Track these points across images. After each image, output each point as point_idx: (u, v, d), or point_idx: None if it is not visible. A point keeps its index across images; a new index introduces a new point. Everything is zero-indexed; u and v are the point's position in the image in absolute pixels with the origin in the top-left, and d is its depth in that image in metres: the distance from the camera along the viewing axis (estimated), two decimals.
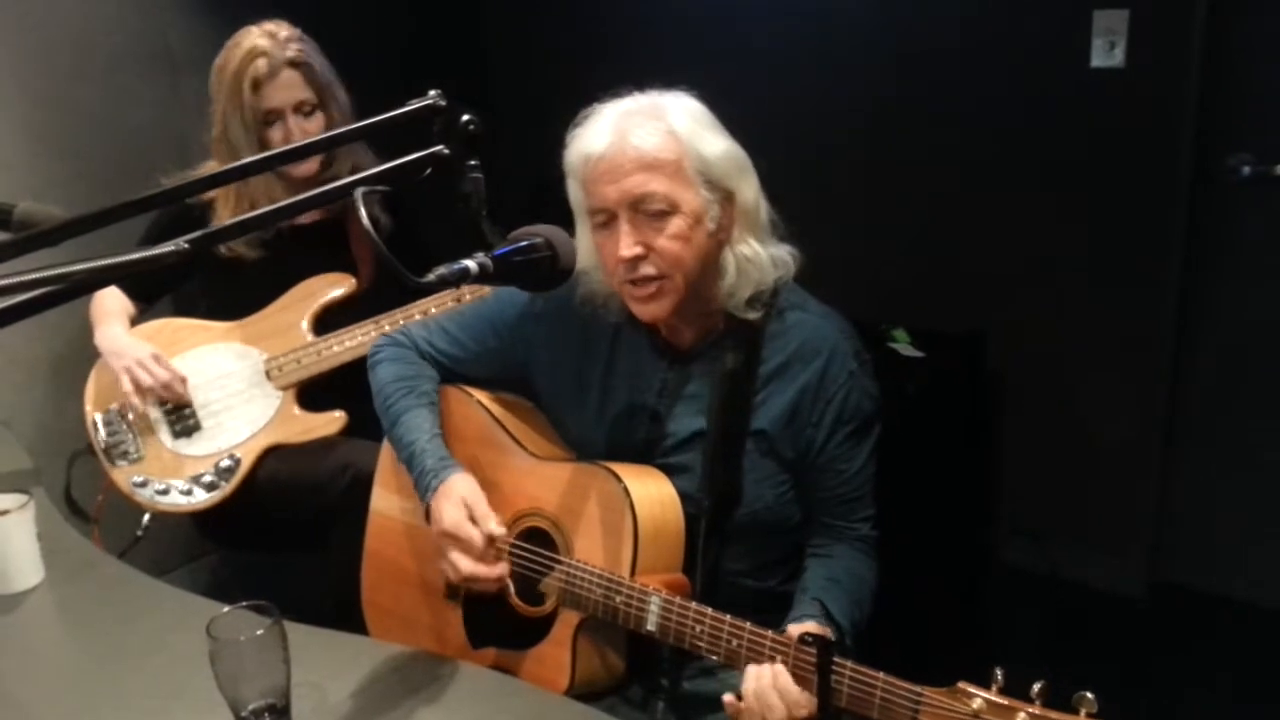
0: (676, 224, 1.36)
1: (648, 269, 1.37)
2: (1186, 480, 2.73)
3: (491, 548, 1.44)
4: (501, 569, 1.45)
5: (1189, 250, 2.57)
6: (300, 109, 2.02)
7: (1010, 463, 2.89)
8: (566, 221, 1.18)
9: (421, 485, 1.51)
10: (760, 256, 1.43)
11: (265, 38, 2.00)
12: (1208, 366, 2.65)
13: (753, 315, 1.45)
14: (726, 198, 1.40)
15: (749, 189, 1.42)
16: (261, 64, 1.98)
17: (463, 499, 1.46)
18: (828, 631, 1.33)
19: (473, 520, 1.43)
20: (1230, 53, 2.43)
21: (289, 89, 2.00)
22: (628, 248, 1.35)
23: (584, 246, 1.45)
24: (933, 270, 2.86)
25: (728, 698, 1.27)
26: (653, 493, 1.44)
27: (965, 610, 2.72)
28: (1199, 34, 2.41)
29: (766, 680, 1.23)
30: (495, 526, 1.44)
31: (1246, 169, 2.44)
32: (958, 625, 2.62)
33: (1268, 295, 2.53)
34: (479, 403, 1.63)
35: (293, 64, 2.00)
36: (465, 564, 1.43)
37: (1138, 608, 2.77)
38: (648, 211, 1.35)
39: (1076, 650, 2.59)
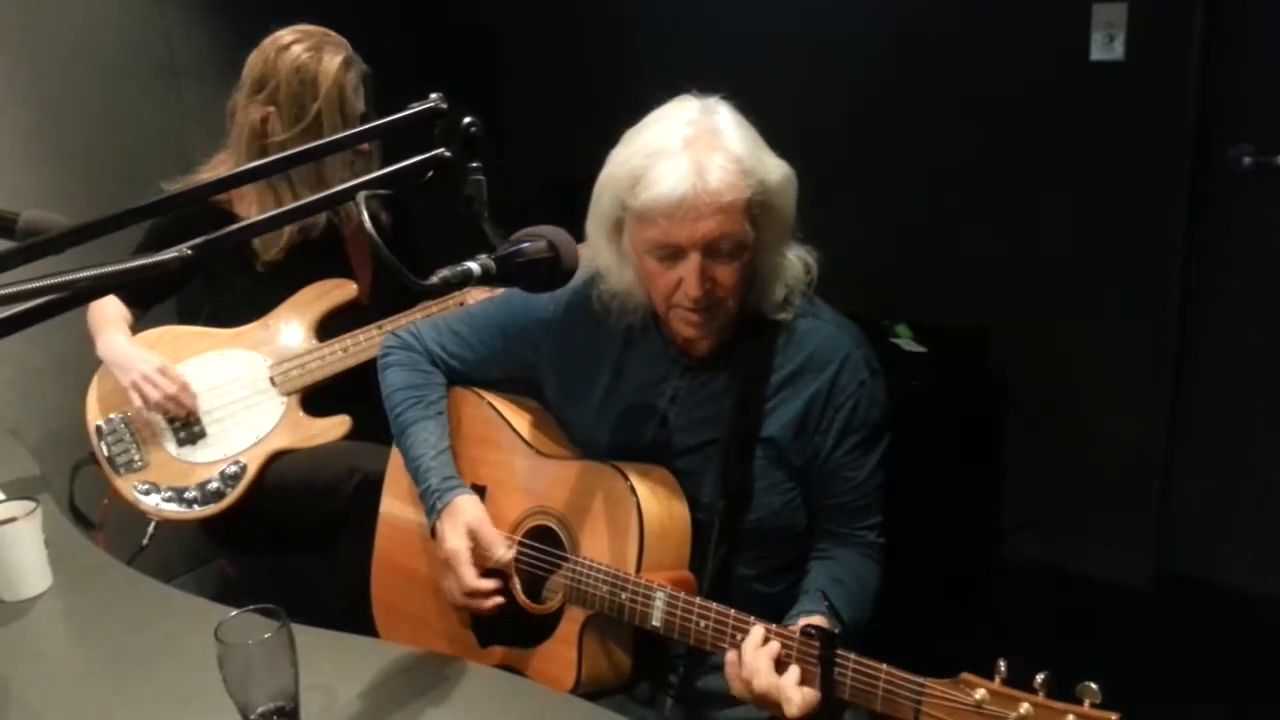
0: (742, 259, 1.38)
1: (709, 300, 1.38)
2: (1192, 472, 2.73)
3: (488, 583, 1.47)
4: (493, 602, 1.48)
5: (1191, 242, 2.57)
6: (366, 118, 2.09)
7: (1015, 457, 2.89)
8: (569, 223, 1.17)
9: (427, 504, 1.53)
10: (792, 261, 1.45)
11: (342, 48, 2.06)
12: (1212, 357, 2.64)
13: (784, 316, 1.46)
14: (771, 214, 1.40)
15: (791, 205, 1.42)
16: (353, 76, 2.06)
17: (467, 526, 1.48)
18: (831, 624, 1.33)
19: (477, 549, 1.47)
20: (1230, 44, 2.43)
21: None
22: (698, 286, 1.36)
23: (605, 254, 1.45)
24: (935, 265, 2.86)
25: (730, 655, 1.27)
26: (659, 491, 1.44)
27: (971, 604, 2.72)
28: (1198, 26, 2.41)
29: (763, 649, 1.23)
30: (503, 552, 1.47)
31: (1248, 160, 2.45)
32: (963, 619, 2.62)
33: (1271, 286, 2.53)
34: (487, 402, 1.64)
35: (365, 76, 2.10)
36: (459, 598, 1.49)
37: (1143, 600, 2.77)
38: (720, 251, 1.36)
39: (1082, 643, 2.59)
